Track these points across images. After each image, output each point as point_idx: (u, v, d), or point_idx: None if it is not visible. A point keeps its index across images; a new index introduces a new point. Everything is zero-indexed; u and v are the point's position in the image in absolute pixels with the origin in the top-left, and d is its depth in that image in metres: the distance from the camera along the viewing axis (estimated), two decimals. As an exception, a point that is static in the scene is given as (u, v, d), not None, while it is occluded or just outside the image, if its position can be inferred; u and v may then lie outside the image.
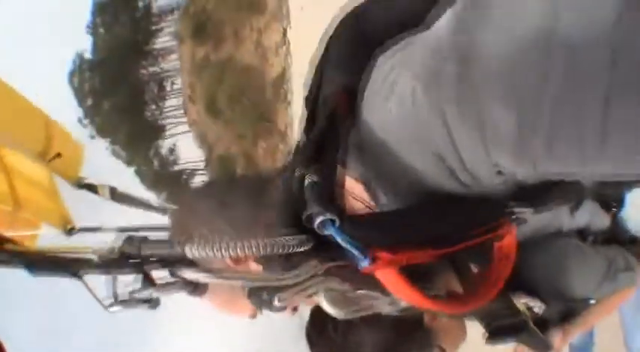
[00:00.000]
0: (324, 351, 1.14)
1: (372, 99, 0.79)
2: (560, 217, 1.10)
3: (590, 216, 1.17)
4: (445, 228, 0.81)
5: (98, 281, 0.71)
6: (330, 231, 0.73)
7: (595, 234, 1.21)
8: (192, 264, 0.74)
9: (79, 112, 40.98)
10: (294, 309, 0.97)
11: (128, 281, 0.72)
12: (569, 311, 1.26)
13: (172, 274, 0.74)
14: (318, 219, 0.72)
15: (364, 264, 0.75)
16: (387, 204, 0.82)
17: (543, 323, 1.19)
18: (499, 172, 0.76)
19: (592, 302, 1.21)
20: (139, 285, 0.72)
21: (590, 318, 1.31)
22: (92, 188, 1.63)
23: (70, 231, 1.80)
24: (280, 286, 0.77)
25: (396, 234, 0.78)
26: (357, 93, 0.81)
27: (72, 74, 41.82)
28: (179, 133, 43.80)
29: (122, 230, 1.31)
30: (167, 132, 43.99)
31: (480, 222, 0.83)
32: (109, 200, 1.60)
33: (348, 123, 0.81)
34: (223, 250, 0.70)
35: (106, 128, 42.14)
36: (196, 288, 0.79)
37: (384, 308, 0.92)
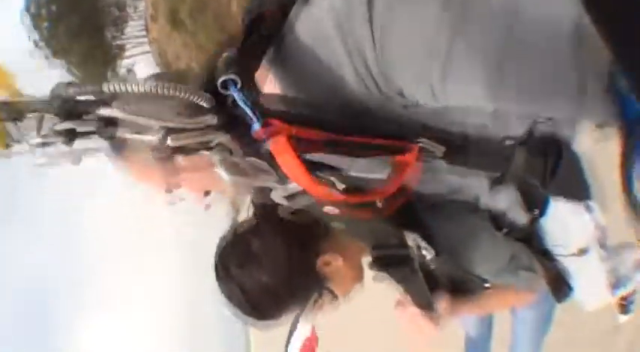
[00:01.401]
0: (226, 287, 1.12)
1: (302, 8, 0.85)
2: (479, 188, 1.12)
3: (510, 204, 1.16)
4: (349, 124, 0.86)
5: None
6: (231, 91, 0.80)
7: (510, 226, 1.20)
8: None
9: (35, 36, 38.81)
10: (206, 193, 1.01)
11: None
12: (460, 281, 1.25)
13: (91, 114, 0.77)
14: (222, 78, 0.80)
15: (256, 127, 0.80)
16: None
17: (431, 280, 1.18)
18: (401, 94, 0.85)
19: (487, 285, 1.26)
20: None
21: (482, 303, 1.32)
22: None
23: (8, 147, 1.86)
24: (177, 128, 0.80)
25: (294, 113, 0.84)
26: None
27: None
28: (139, 54, 42.29)
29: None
30: (126, 53, 42.52)
31: (386, 134, 0.87)
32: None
33: (274, 31, 0.85)
34: (134, 85, 0.74)
35: (61, 49, 40.55)
36: (116, 147, 0.84)
37: (276, 191, 0.92)
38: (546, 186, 1.11)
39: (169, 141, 0.79)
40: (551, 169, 1.10)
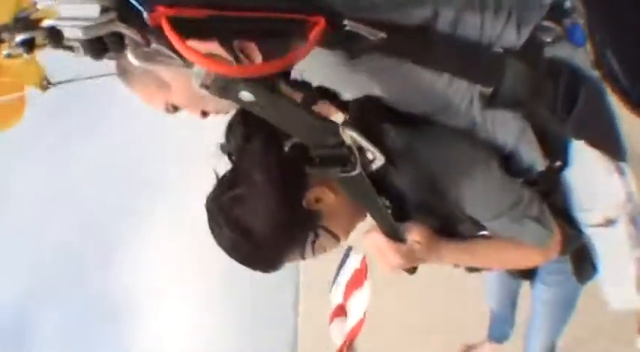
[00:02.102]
0: (218, 236, 1.09)
1: None
2: (469, 109, 1.05)
3: (518, 140, 1.09)
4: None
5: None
6: None
7: (526, 173, 1.13)
8: None
9: None
10: (204, 114, 1.13)
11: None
12: (445, 218, 1.13)
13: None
14: None
15: (145, 15, 0.79)
16: None
17: (400, 211, 1.11)
18: None
19: (484, 233, 1.14)
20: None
21: (474, 250, 1.17)
22: None
23: (46, 87, 2.05)
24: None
25: None
26: None
27: None
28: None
29: None
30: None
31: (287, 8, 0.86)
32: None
33: None
34: None
35: None
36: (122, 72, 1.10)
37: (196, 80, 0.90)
38: (559, 117, 1.04)
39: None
40: (565, 97, 1.04)
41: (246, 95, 0.87)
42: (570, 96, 1.04)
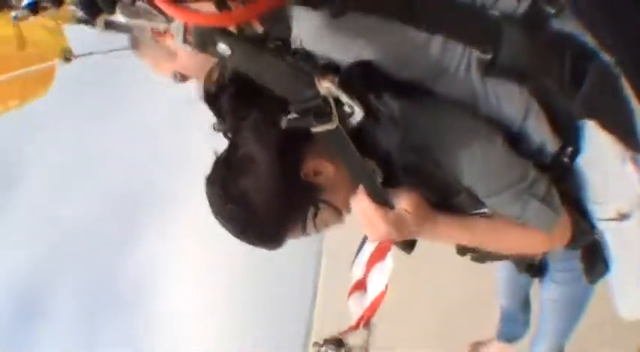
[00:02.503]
0: (219, 212, 1.08)
1: None
2: (467, 76, 1.03)
3: (524, 116, 1.06)
4: None
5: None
6: None
7: (536, 154, 1.08)
8: None
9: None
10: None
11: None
12: (441, 188, 1.07)
13: None
14: None
15: None
16: None
17: (391, 179, 1.06)
18: None
19: (485, 211, 1.10)
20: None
21: (472, 226, 1.11)
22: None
23: (68, 60, 2.09)
24: None
25: None
26: None
27: None
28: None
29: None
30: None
31: None
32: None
33: None
34: None
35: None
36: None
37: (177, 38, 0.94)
38: (567, 93, 1.00)
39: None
40: (572, 72, 1.00)
41: (223, 48, 0.89)
42: (578, 72, 1.00)
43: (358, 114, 0.96)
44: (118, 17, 0.93)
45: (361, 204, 1.06)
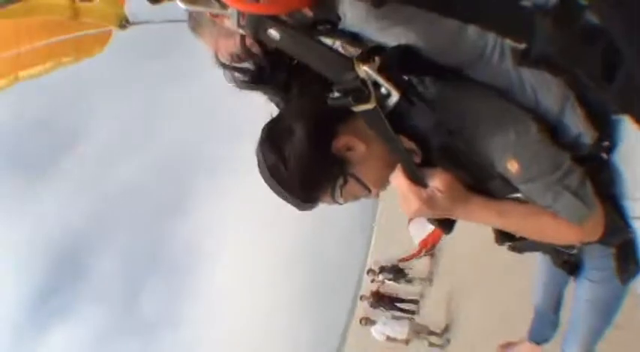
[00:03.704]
0: (261, 170, 1.18)
1: None
2: (501, 63, 1.07)
3: (562, 109, 1.08)
4: None
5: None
6: None
7: (572, 145, 1.10)
8: None
9: None
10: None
11: None
12: (476, 171, 1.11)
13: None
14: None
15: None
16: None
17: (428, 160, 1.12)
18: None
19: (518, 195, 1.12)
20: None
21: (504, 211, 1.14)
22: None
23: (124, 27, 2.12)
24: None
25: None
26: None
27: None
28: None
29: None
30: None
31: None
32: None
33: None
34: None
35: None
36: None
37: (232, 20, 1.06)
38: (600, 85, 1.01)
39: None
40: (603, 65, 1.00)
41: (273, 33, 1.02)
42: (609, 66, 1.00)
43: (394, 97, 1.02)
44: (178, 3, 1.02)
45: (397, 180, 1.12)
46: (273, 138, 1.16)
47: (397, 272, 12.36)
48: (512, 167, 1.06)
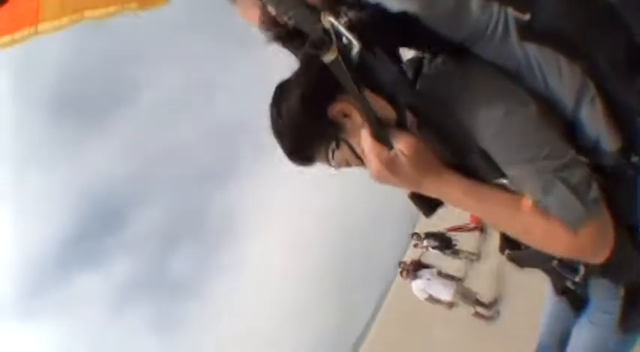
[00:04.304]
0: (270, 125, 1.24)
1: None
2: (506, 38, 1.04)
3: (579, 103, 1.02)
4: None
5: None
6: None
7: (592, 151, 1.04)
8: None
9: None
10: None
11: None
12: (456, 146, 1.07)
13: None
14: None
15: None
16: None
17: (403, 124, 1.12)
18: None
19: (504, 181, 1.06)
20: None
21: (484, 197, 1.06)
22: None
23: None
24: None
25: None
26: None
27: None
28: None
29: None
30: None
31: None
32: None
33: None
34: None
35: None
36: None
37: None
38: (622, 76, 0.97)
39: None
40: (628, 51, 0.96)
41: None
42: (636, 54, 0.94)
43: (355, 47, 1.04)
44: None
45: (362, 138, 1.11)
46: (276, 95, 1.22)
47: (444, 241, 11.51)
48: (497, 144, 1.02)
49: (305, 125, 1.17)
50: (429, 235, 11.65)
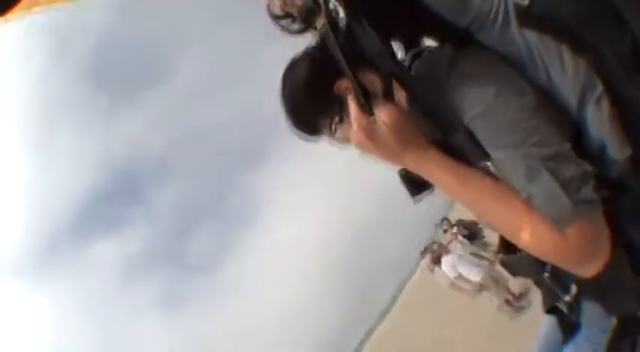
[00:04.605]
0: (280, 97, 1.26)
1: None
2: (506, 25, 1.02)
3: (583, 102, 0.95)
4: None
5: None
6: None
7: (592, 154, 0.95)
8: None
9: None
10: None
11: None
12: (439, 120, 1.05)
13: None
14: None
15: None
16: None
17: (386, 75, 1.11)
18: None
19: (488, 165, 1.01)
20: None
21: (469, 180, 1.02)
22: None
23: None
24: None
25: None
26: None
27: None
28: None
29: None
30: None
31: None
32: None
33: None
34: None
35: None
36: None
37: None
38: (627, 69, 0.91)
39: None
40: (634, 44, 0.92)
41: None
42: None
43: (342, 14, 1.03)
44: None
45: (350, 106, 1.11)
46: (287, 68, 1.23)
47: (473, 231, 11.04)
48: (483, 125, 0.98)
49: (309, 99, 1.19)
50: (459, 223, 11.20)
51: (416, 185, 1.14)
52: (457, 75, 1.03)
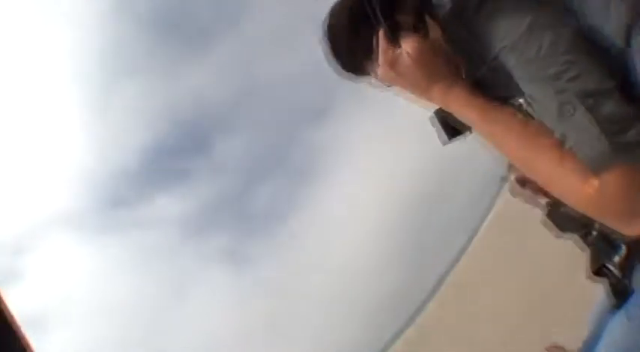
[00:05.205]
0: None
1: None
2: None
3: (628, 37, 0.86)
4: None
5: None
6: None
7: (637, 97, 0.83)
8: None
9: None
10: None
11: None
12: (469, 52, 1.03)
13: None
14: None
15: None
16: None
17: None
18: None
19: (520, 101, 0.98)
20: None
21: (496, 119, 0.97)
22: None
23: None
24: None
25: None
26: None
27: None
28: None
29: None
30: None
31: None
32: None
33: None
34: None
35: None
36: None
37: None
38: None
39: None
40: None
41: None
42: None
43: None
44: None
45: (379, 40, 1.10)
46: (331, 10, 1.22)
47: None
48: (515, 56, 0.91)
49: (351, 39, 1.18)
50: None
51: (451, 127, 1.12)
52: (488, 7, 0.97)
